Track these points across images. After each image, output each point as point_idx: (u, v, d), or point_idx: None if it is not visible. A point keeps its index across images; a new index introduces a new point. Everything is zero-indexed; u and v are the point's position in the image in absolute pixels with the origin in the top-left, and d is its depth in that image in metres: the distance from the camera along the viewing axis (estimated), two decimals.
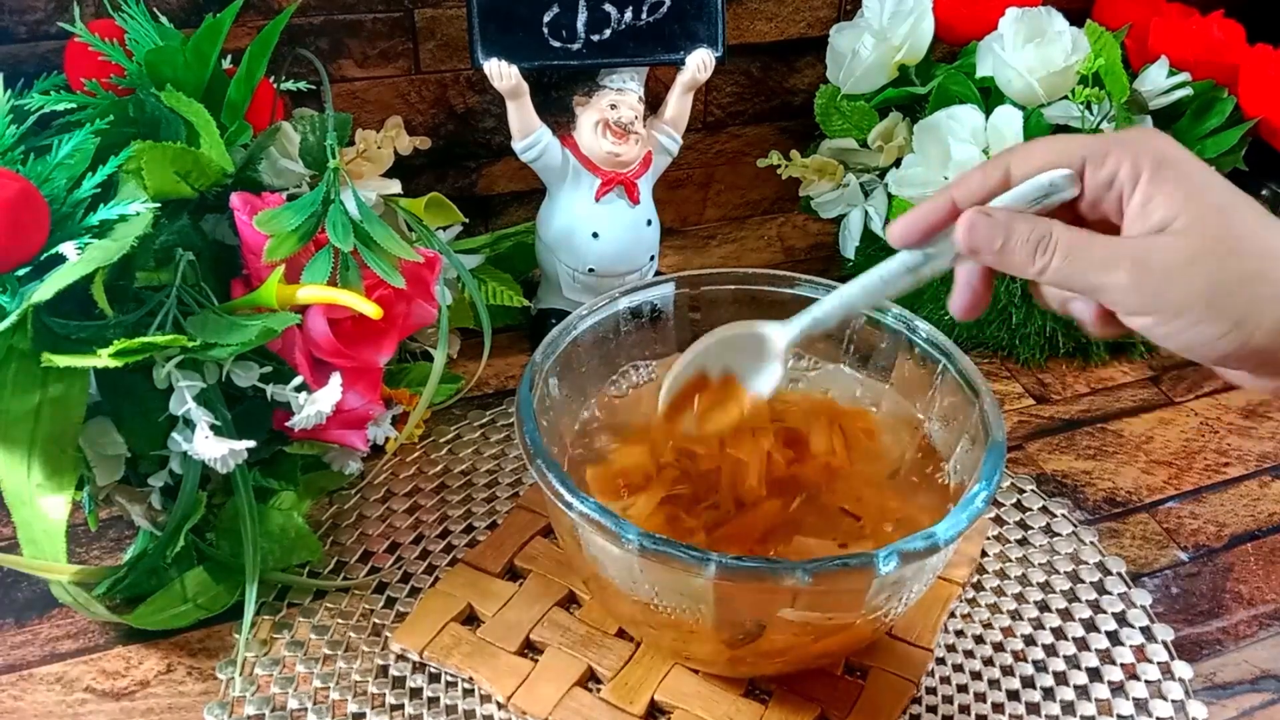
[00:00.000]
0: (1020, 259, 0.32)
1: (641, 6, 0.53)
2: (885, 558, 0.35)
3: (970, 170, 0.35)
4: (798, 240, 0.73)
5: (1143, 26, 0.64)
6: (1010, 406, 0.59)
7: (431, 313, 0.46)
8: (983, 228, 0.33)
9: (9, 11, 0.51)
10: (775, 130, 0.72)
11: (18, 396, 0.38)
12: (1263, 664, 0.45)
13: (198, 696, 0.42)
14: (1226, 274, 0.31)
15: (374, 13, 0.59)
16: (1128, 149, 0.32)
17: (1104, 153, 0.33)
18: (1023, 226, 0.32)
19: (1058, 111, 0.59)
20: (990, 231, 0.33)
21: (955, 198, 0.34)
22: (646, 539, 0.35)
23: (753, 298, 0.47)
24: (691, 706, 0.41)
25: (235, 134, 0.44)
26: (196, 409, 0.38)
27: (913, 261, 0.35)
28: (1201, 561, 0.50)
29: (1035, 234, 0.32)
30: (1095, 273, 0.32)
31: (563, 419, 0.44)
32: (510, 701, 0.42)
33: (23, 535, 0.38)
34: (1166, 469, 0.55)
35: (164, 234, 0.41)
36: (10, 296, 0.37)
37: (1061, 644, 0.45)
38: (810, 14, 0.68)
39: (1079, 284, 0.32)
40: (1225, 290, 0.31)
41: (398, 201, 0.53)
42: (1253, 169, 0.64)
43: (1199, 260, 0.31)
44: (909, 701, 0.43)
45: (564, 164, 0.55)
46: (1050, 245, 0.32)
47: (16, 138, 0.41)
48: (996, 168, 0.34)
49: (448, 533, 0.49)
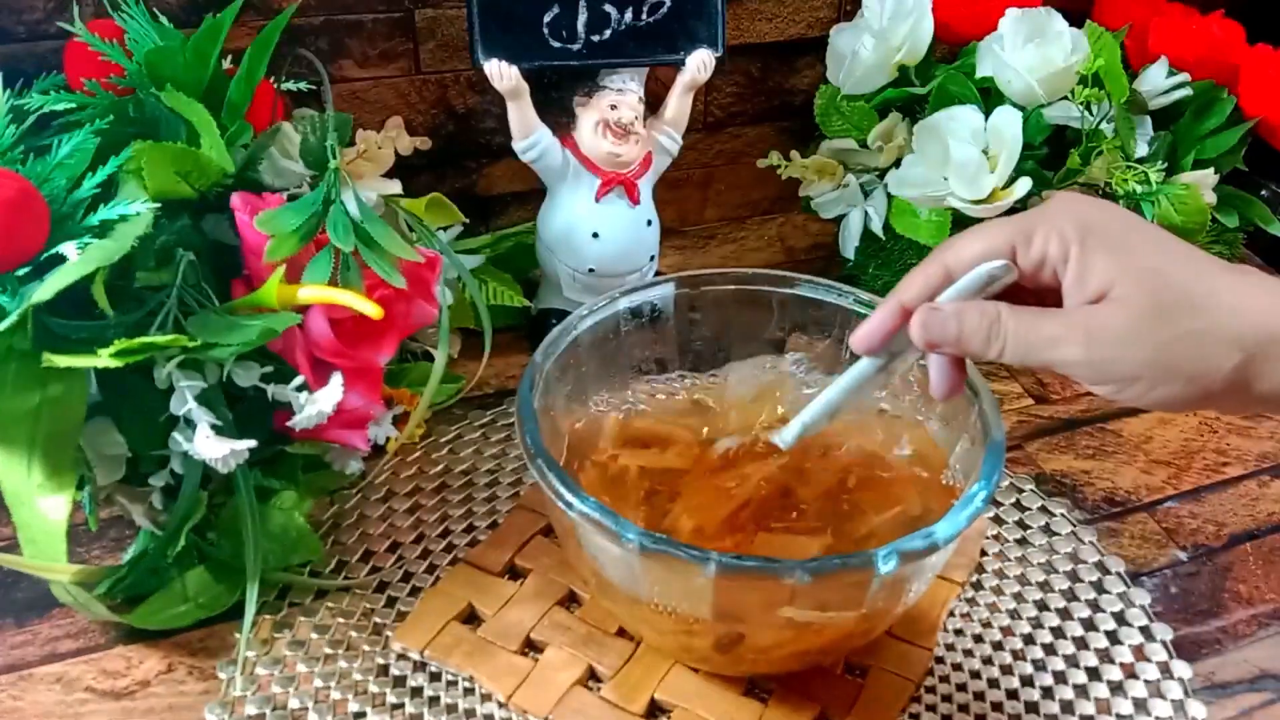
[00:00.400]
0: (977, 346, 0.34)
1: (642, 7, 0.54)
2: (885, 557, 0.35)
3: (911, 273, 0.36)
4: (798, 240, 0.73)
5: (1142, 27, 0.64)
6: (1009, 406, 0.59)
7: (432, 313, 0.46)
8: (934, 323, 0.35)
9: (8, 11, 0.51)
10: (775, 130, 0.72)
11: (18, 396, 0.38)
12: (1262, 663, 0.46)
13: (198, 696, 0.42)
14: (1168, 335, 0.32)
15: (374, 13, 0.59)
16: (1053, 224, 0.34)
17: (1029, 233, 0.34)
18: (972, 315, 0.34)
19: (1057, 112, 0.59)
20: (943, 325, 0.34)
21: (902, 301, 0.36)
22: (646, 538, 0.35)
23: (753, 298, 0.47)
24: (692, 705, 0.42)
25: (235, 134, 0.44)
26: (197, 409, 0.38)
27: (881, 362, 0.38)
28: (1200, 561, 0.50)
29: (985, 320, 0.34)
30: (1047, 351, 0.33)
31: (563, 419, 0.45)
32: (511, 700, 0.42)
33: (23, 535, 0.38)
34: (1165, 469, 0.55)
35: (164, 234, 0.41)
36: (10, 296, 0.37)
37: (1061, 643, 0.45)
38: (810, 14, 0.68)
39: (1034, 362, 0.34)
40: (1171, 352, 0.32)
41: (398, 202, 0.53)
42: (1252, 169, 0.64)
43: (1142, 328, 0.32)
44: (909, 700, 0.43)
45: (564, 164, 0.55)
46: (1001, 331, 0.33)
47: (16, 138, 0.41)
48: (935, 265, 0.36)
49: (449, 532, 0.49)
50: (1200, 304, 0.32)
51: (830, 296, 0.46)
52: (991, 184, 0.56)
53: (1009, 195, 0.55)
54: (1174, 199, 0.57)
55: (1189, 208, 0.57)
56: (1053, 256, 0.33)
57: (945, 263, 0.35)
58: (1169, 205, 0.57)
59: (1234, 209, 0.63)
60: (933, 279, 0.36)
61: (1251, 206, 0.64)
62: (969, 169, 0.55)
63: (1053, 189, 0.58)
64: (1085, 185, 0.58)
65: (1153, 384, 0.32)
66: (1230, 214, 0.63)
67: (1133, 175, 0.57)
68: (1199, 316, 0.32)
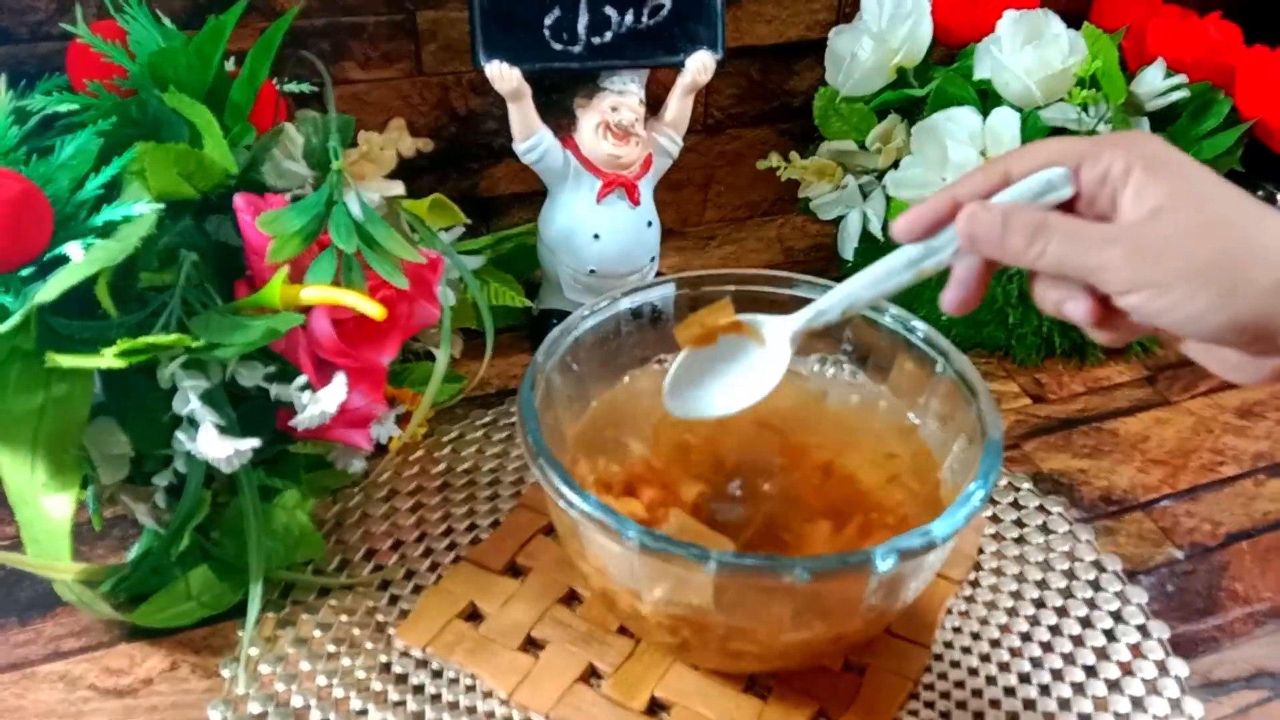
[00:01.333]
0: (1019, 244, 0.33)
1: (642, 9, 0.54)
2: (883, 556, 0.35)
3: (971, 171, 0.36)
4: (797, 241, 0.73)
5: (1140, 28, 0.64)
6: (1007, 406, 0.59)
7: (434, 313, 0.46)
8: (984, 217, 0.34)
9: (10, 12, 0.52)
10: (775, 132, 0.73)
11: (22, 396, 0.38)
12: (1258, 661, 0.46)
13: (202, 694, 0.42)
14: (1214, 247, 0.32)
15: (376, 15, 0.59)
16: (1120, 148, 0.34)
17: (1098, 152, 0.34)
18: (1021, 215, 0.34)
19: (1055, 113, 0.59)
20: (990, 220, 0.34)
21: (957, 195, 0.35)
22: (646, 537, 0.35)
23: (753, 298, 0.47)
24: (691, 702, 0.42)
25: (238, 135, 0.44)
26: (201, 409, 0.38)
27: (915, 255, 0.36)
28: (1197, 559, 0.51)
29: (1033, 221, 0.33)
30: (1091, 251, 0.33)
31: (564, 419, 0.45)
32: (512, 697, 0.42)
33: (27, 534, 0.38)
34: (1162, 468, 0.56)
35: (168, 235, 0.41)
36: (14, 297, 0.38)
37: (1058, 641, 0.46)
38: (809, 16, 0.68)
39: (1075, 264, 0.33)
40: (1213, 263, 0.32)
41: (400, 203, 0.53)
42: (1249, 170, 0.64)
43: (1189, 235, 0.32)
44: (907, 698, 0.43)
45: (565, 166, 0.55)
46: (1047, 230, 0.33)
47: (19, 138, 0.41)
48: (996, 168, 0.35)
49: (451, 531, 0.49)
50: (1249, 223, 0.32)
51: None
52: None
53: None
54: None
55: None
56: (1115, 173, 0.33)
57: (1007, 165, 0.35)
58: None
59: None
60: (992, 178, 0.35)
61: None
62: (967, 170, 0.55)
63: None
64: None
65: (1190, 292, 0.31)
66: None
67: None
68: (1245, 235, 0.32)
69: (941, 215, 0.35)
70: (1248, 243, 0.32)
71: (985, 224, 0.34)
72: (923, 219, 0.36)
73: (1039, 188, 0.34)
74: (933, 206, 0.35)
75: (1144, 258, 0.32)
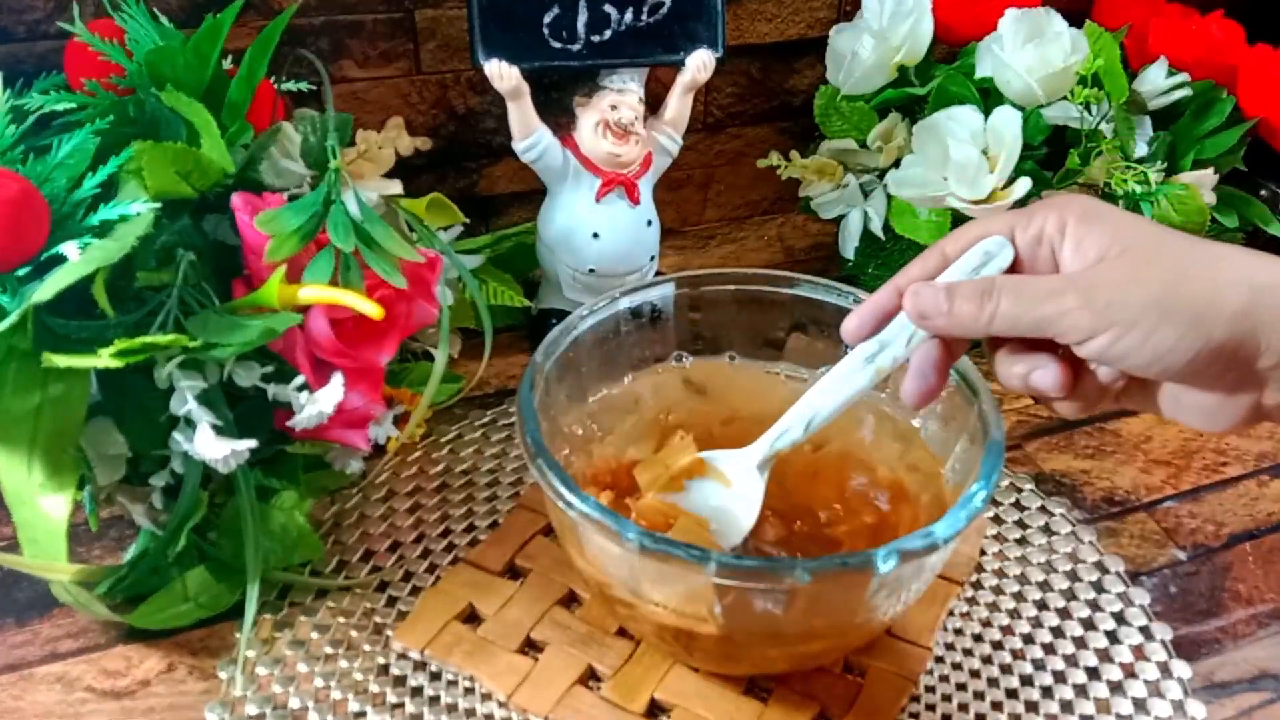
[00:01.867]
0: (969, 310, 0.33)
1: (642, 7, 0.54)
2: (885, 557, 0.35)
3: (909, 263, 0.36)
4: (798, 240, 0.73)
5: (1142, 27, 0.64)
6: (1009, 406, 0.59)
7: (433, 313, 0.46)
8: (926, 294, 0.34)
9: (8, 11, 0.52)
10: (775, 131, 0.72)
11: (18, 396, 0.38)
12: (1261, 663, 0.46)
13: (199, 695, 0.42)
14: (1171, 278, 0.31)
15: (375, 13, 0.59)
16: (1053, 209, 0.34)
17: (1029, 216, 0.34)
18: (965, 284, 0.34)
19: (1057, 112, 0.59)
20: (934, 294, 0.34)
21: (899, 285, 0.35)
22: (646, 538, 0.35)
23: (753, 298, 0.47)
24: (691, 705, 0.42)
25: (236, 134, 0.44)
26: (198, 409, 0.38)
27: (869, 351, 0.36)
28: (1200, 561, 0.50)
29: (978, 286, 0.33)
30: (1043, 303, 0.32)
31: (563, 419, 0.45)
32: (511, 700, 0.42)
33: (23, 535, 0.38)
34: (1165, 468, 0.55)
35: (165, 234, 0.41)
36: (11, 296, 0.37)
37: (1060, 643, 0.46)
38: (810, 15, 0.68)
39: (1029, 319, 0.32)
40: (1174, 292, 0.31)
41: (399, 202, 0.53)
42: (1252, 169, 0.64)
43: (1142, 272, 0.31)
44: (908, 699, 0.43)
45: (564, 164, 0.55)
46: (995, 292, 0.33)
47: (16, 137, 0.41)
48: (933, 254, 0.36)
49: (449, 532, 0.49)
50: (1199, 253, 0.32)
51: (830, 296, 0.46)
52: (991, 184, 0.56)
53: (1008, 195, 0.55)
54: (1173, 199, 0.57)
55: (1188, 208, 0.57)
56: (1049, 232, 0.33)
57: (943, 249, 0.35)
58: (1168, 205, 0.57)
59: (1233, 209, 0.63)
60: (930, 264, 0.35)
61: (1251, 207, 0.64)
62: (968, 169, 0.55)
63: (1052, 189, 0.58)
64: (1084, 185, 0.58)
65: (1154, 324, 0.30)
66: (1230, 214, 0.63)
67: (1132, 175, 0.57)
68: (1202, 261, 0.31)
69: (887, 307, 0.36)
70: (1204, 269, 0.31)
71: (929, 298, 0.34)
72: (869, 313, 0.36)
73: (978, 260, 0.35)
74: (877, 301, 0.36)
75: (1101, 298, 0.31)
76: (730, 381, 0.48)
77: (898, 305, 0.35)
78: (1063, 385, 0.34)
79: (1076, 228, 0.33)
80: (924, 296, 0.34)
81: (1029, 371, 0.34)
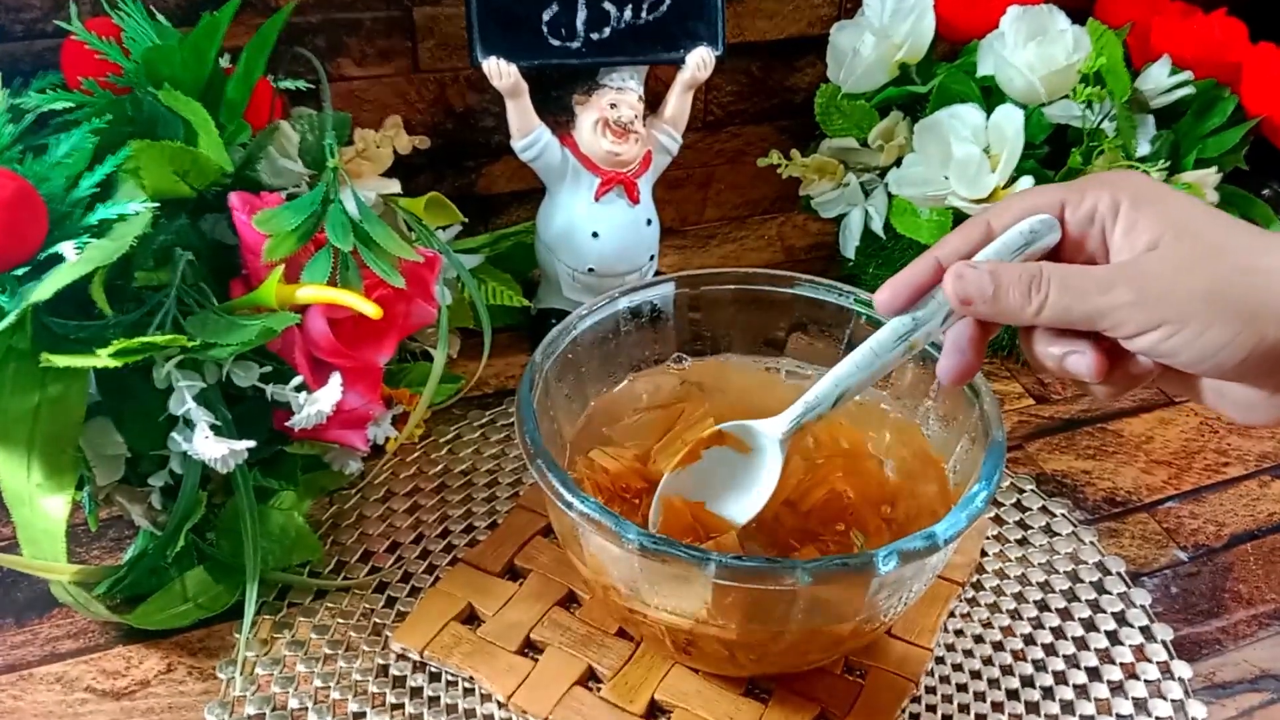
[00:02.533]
0: (1015, 301, 0.31)
1: (641, 5, 0.53)
2: (885, 557, 0.35)
3: (950, 232, 0.34)
4: (798, 240, 0.73)
5: (1145, 25, 0.64)
6: (1010, 406, 0.59)
7: (431, 312, 0.46)
8: (972, 277, 0.32)
9: (5, 9, 0.51)
10: (775, 129, 0.72)
11: (17, 396, 0.38)
12: (1262, 663, 0.45)
13: (198, 696, 0.42)
14: (1226, 271, 0.30)
15: (373, 11, 0.58)
16: (1105, 186, 0.32)
17: (1081, 193, 0.33)
18: (1012, 270, 0.32)
19: (1059, 110, 0.59)
20: (979, 280, 0.32)
21: (939, 258, 0.34)
22: (646, 538, 0.35)
23: (753, 298, 0.47)
24: (692, 705, 0.41)
25: (234, 133, 0.44)
26: (196, 409, 0.38)
27: (902, 328, 0.35)
28: (1201, 561, 0.50)
29: (1026, 274, 0.31)
30: (1094, 296, 0.31)
31: (563, 419, 0.44)
32: (510, 701, 0.42)
33: (23, 535, 0.38)
34: (1166, 469, 0.55)
35: (163, 234, 0.41)
36: (9, 296, 0.37)
37: (1061, 643, 0.45)
38: (811, 12, 0.68)
39: (1079, 312, 0.31)
40: (1229, 286, 0.30)
41: (397, 201, 0.53)
42: (1254, 168, 0.64)
43: (1196, 263, 0.30)
44: (908, 700, 0.43)
45: (563, 163, 0.55)
46: (1043, 282, 0.31)
47: (14, 137, 0.41)
48: (976, 225, 0.34)
49: (448, 532, 0.49)
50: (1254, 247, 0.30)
51: (830, 296, 0.46)
52: (993, 183, 0.56)
53: (1010, 194, 0.55)
54: None
55: None
56: (1102, 211, 0.32)
57: (987, 221, 0.33)
58: None
59: (1236, 208, 0.63)
60: (973, 236, 0.33)
61: (1253, 206, 0.64)
62: (970, 168, 0.55)
63: None
64: None
65: (1207, 322, 0.29)
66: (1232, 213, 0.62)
67: None
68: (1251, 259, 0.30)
69: (925, 281, 0.33)
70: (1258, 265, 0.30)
71: (976, 284, 0.32)
72: (905, 287, 0.34)
73: (1023, 238, 0.33)
74: (914, 272, 0.34)
75: (1153, 291, 0.30)
76: (730, 381, 0.48)
77: (934, 279, 0.33)
78: (1099, 373, 0.32)
79: (1130, 211, 0.31)
80: (969, 280, 0.32)
81: (1065, 355, 0.32)
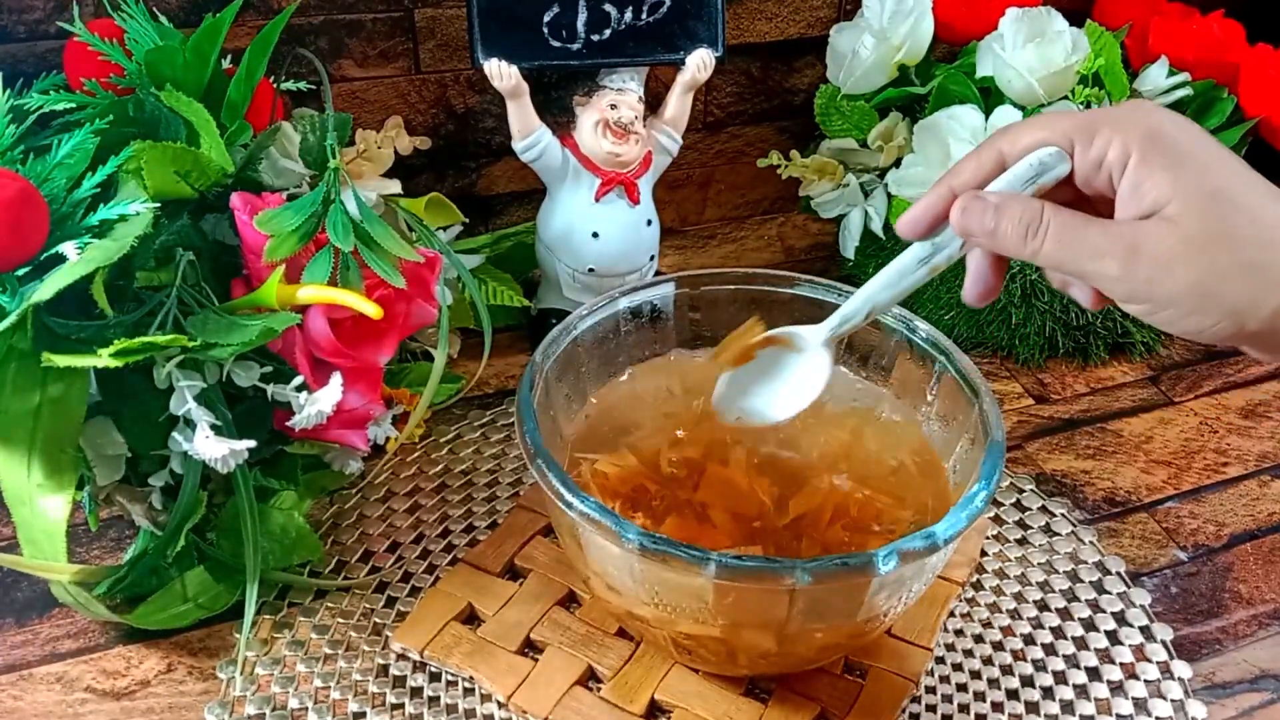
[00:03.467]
0: (1012, 241, 0.33)
1: (641, 6, 0.53)
2: (885, 557, 0.35)
3: (966, 156, 0.35)
4: (798, 240, 0.73)
5: (1143, 26, 0.64)
6: (1010, 406, 0.59)
7: (432, 313, 0.46)
8: (975, 211, 0.33)
9: (8, 11, 0.51)
10: (775, 130, 0.72)
11: (18, 396, 0.38)
12: (1262, 663, 0.45)
13: (198, 696, 0.42)
14: (1219, 266, 0.30)
15: (374, 12, 0.59)
16: (1117, 127, 0.32)
17: (1092, 131, 0.32)
18: (1015, 208, 0.33)
19: None
20: (982, 214, 0.33)
21: (952, 185, 0.34)
22: (646, 538, 0.35)
23: (753, 298, 0.47)
24: (691, 705, 0.41)
25: (235, 134, 0.44)
26: (197, 409, 0.38)
27: (923, 253, 0.36)
28: (1201, 561, 0.50)
29: (1026, 216, 0.32)
30: (1085, 260, 0.32)
31: (563, 419, 0.45)
32: (510, 700, 0.42)
33: (23, 535, 0.38)
34: (1166, 469, 0.55)
35: (164, 234, 0.41)
36: (10, 296, 0.37)
37: (1061, 643, 0.45)
38: (810, 14, 0.68)
39: (1070, 267, 0.32)
40: (1218, 281, 0.30)
41: (398, 201, 0.53)
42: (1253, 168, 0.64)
43: (1190, 251, 0.30)
44: (908, 700, 0.43)
45: (564, 164, 0.55)
46: (1041, 229, 0.32)
47: (16, 137, 0.41)
48: (990, 151, 0.34)
49: (448, 532, 0.49)
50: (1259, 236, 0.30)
51: (830, 296, 0.46)
52: None
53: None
54: None
55: None
56: (1110, 161, 0.32)
57: (1000, 148, 0.34)
58: None
59: None
60: (985, 164, 0.34)
61: None
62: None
63: None
64: None
65: (1190, 310, 0.30)
66: None
67: None
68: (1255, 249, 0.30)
69: (941, 209, 0.35)
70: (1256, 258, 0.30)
71: (977, 218, 0.33)
72: (924, 214, 0.35)
73: (1032, 170, 0.33)
74: (932, 200, 0.35)
75: (1141, 273, 0.31)
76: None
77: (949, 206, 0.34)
78: (1095, 305, 0.34)
79: (1138, 167, 0.31)
80: (971, 214, 0.33)
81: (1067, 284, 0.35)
